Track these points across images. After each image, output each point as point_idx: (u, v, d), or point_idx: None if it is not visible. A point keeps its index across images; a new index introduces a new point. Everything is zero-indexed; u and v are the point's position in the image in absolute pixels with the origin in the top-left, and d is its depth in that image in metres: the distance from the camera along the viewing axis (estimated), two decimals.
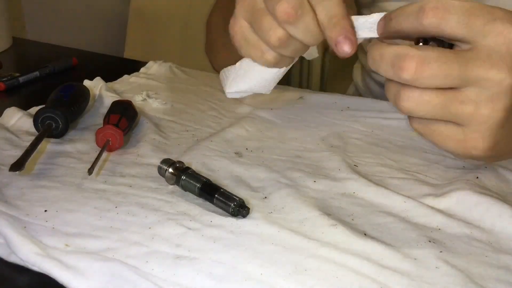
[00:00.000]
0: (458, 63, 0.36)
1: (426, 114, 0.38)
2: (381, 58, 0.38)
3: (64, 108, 0.54)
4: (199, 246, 0.37)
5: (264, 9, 0.43)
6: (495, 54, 0.36)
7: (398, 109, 0.38)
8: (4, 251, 0.37)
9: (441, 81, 0.36)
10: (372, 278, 0.34)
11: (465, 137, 0.38)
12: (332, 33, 0.41)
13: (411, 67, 0.36)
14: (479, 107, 0.37)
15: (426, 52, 0.36)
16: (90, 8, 1.46)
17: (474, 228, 0.40)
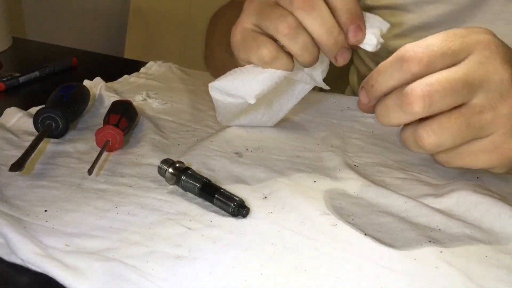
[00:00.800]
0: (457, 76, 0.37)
1: (453, 140, 0.37)
2: (387, 108, 0.38)
3: (64, 108, 0.54)
4: (199, 246, 0.37)
5: (274, 3, 0.44)
6: (484, 59, 0.37)
7: (424, 148, 0.38)
8: (4, 251, 0.37)
9: (451, 98, 0.37)
10: (372, 278, 0.34)
11: (496, 145, 0.38)
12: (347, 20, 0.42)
13: (418, 98, 0.36)
14: (496, 109, 0.37)
15: (425, 79, 0.37)
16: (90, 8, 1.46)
17: (474, 228, 0.40)
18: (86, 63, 0.82)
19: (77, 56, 0.81)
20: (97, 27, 1.49)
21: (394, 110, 0.38)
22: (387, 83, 0.39)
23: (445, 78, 0.37)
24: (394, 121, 0.38)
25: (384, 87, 0.39)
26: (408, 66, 0.37)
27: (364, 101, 0.41)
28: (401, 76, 0.38)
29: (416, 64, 0.37)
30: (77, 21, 1.43)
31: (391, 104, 0.38)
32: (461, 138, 0.38)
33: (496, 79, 0.37)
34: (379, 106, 0.39)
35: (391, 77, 0.38)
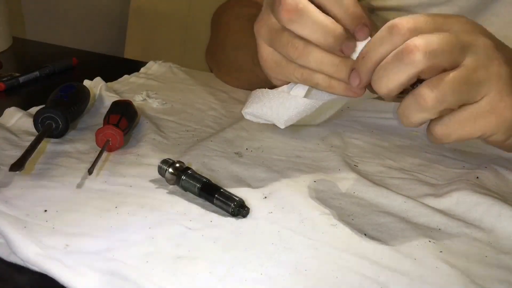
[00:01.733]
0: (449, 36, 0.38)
1: (453, 94, 0.38)
2: (385, 68, 0.39)
3: (64, 108, 0.54)
4: (199, 246, 0.37)
5: (280, 28, 0.43)
6: (466, 30, 0.40)
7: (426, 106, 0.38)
8: (4, 251, 0.37)
9: (448, 53, 0.38)
10: (372, 278, 0.34)
11: (492, 105, 0.39)
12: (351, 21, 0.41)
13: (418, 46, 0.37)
14: (487, 68, 0.39)
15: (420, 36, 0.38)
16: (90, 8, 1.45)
17: (474, 228, 0.40)
18: (86, 63, 0.82)
19: (77, 56, 0.81)
20: (97, 27, 1.49)
21: (394, 65, 0.38)
22: (379, 50, 0.39)
23: (439, 35, 0.38)
24: (393, 80, 0.38)
25: (377, 54, 0.39)
26: (397, 29, 0.38)
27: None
28: (391, 40, 0.39)
29: (405, 25, 0.38)
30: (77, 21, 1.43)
31: (390, 60, 0.38)
32: (461, 94, 0.38)
33: (480, 44, 0.39)
34: (377, 71, 0.39)
35: (382, 44, 0.39)
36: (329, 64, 0.43)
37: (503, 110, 0.39)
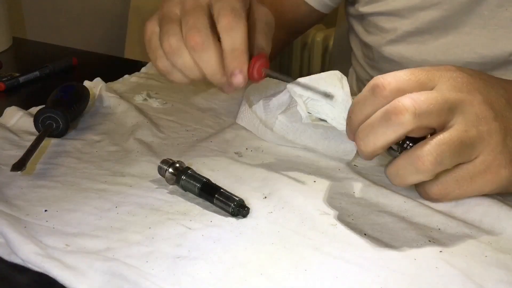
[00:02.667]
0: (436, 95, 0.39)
1: (451, 156, 0.38)
2: (372, 126, 0.40)
3: (64, 108, 0.54)
4: (199, 246, 0.37)
5: (174, 19, 0.46)
6: (451, 87, 0.40)
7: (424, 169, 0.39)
8: (4, 251, 0.37)
9: (436, 114, 0.38)
10: (372, 278, 0.34)
11: (486, 163, 0.40)
12: (231, 65, 0.44)
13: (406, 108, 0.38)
14: (477, 127, 0.39)
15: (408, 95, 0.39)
16: (90, 8, 1.46)
17: (473, 228, 0.40)
18: (86, 63, 0.82)
19: (77, 56, 0.81)
20: (97, 27, 1.49)
21: (380, 126, 0.39)
22: (363, 113, 0.41)
23: (427, 94, 0.39)
24: (380, 140, 0.39)
25: (361, 115, 0.41)
26: (379, 90, 0.40)
27: (350, 137, 0.44)
28: (374, 101, 0.40)
29: (386, 87, 0.39)
30: (77, 21, 1.43)
31: (376, 121, 0.40)
32: (458, 156, 0.39)
33: (467, 102, 0.39)
34: (362, 130, 0.41)
35: (365, 105, 0.41)
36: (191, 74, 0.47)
37: (498, 168, 0.40)
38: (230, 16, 0.44)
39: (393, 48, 0.70)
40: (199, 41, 0.44)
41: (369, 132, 0.40)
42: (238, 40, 0.44)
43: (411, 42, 0.69)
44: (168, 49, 0.45)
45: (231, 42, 0.44)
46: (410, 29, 0.68)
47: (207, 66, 0.45)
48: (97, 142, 0.53)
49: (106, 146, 0.53)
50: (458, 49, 0.65)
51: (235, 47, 0.44)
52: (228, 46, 0.44)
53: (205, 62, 0.45)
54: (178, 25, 0.45)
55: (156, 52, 0.47)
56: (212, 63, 0.45)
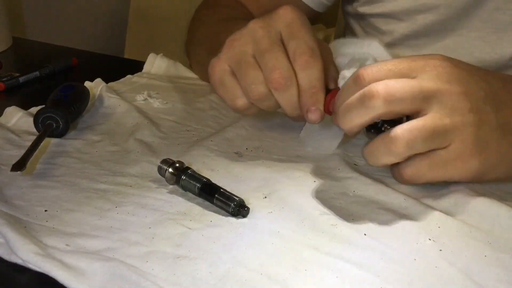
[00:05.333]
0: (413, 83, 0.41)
1: (423, 140, 0.40)
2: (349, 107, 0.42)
3: (64, 108, 0.54)
4: (199, 246, 0.37)
5: (253, 63, 0.47)
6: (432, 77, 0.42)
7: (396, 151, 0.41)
8: (4, 251, 0.37)
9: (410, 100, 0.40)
10: (372, 278, 0.34)
11: (458, 152, 0.41)
12: (307, 101, 0.46)
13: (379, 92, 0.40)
14: (451, 116, 0.41)
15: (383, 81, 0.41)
16: (90, 8, 1.46)
17: (473, 227, 0.40)
18: (86, 63, 0.82)
19: (77, 56, 0.81)
20: (97, 27, 1.49)
21: (356, 107, 0.41)
22: (345, 98, 0.43)
23: (402, 82, 0.41)
24: (355, 119, 0.42)
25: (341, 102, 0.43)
26: (359, 80, 0.42)
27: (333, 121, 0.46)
28: (355, 90, 0.42)
29: (366, 77, 0.42)
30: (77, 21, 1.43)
31: (353, 102, 0.42)
32: (429, 142, 0.41)
33: (445, 92, 0.41)
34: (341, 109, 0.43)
35: (347, 93, 0.43)
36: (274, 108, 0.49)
37: (468, 157, 0.42)
38: (307, 54, 0.45)
39: (391, 51, 0.70)
40: (282, 82, 0.45)
41: (346, 112, 0.42)
42: (316, 78, 0.45)
43: (408, 45, 0.69)
44: (257, 97, 0.47)
45: (309, 80, 0.45)
46: (407, 32, 0.68)
47: (287, 104, 0.47)
48: (97, 142, 0.53)
49: (106, 146, 0.53)
50: (456, 52, 0.65)
51: (312, 85, 0.46)
52: (306, 84, 0.46)
53: (286, 100, 0.46)
54: (259, 69, 0.46)
55: (234, 92, 0.48)
56: (292, 101, 0.46)
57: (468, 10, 0.63)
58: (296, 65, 0.46)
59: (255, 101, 0.47)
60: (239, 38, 0.48)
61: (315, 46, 0.46)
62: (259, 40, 0.47)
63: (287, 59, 0.46)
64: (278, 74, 0.45)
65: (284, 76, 0.45)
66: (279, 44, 0.46)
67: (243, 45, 0.47)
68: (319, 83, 0.46)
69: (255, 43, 0.47)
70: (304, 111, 0.46)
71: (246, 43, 0.47)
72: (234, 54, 0.48)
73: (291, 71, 0.46)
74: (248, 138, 0.55)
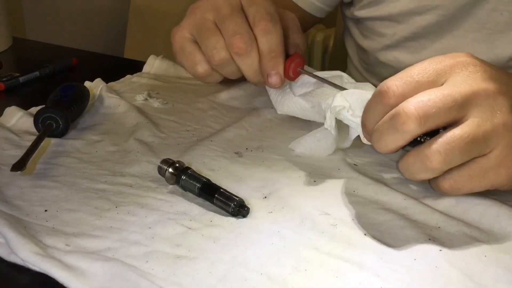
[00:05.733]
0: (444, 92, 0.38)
1: (461, 155, 0.37)
2: (381, 133, 0.39)
3: (64, 108, 0.54)
4: (199, 246, 0.37)
5: (214, 29, 0.47)
6: (464, 78, 0.39)
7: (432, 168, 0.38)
8: (4, 251, 0.37)
9: (444, 113, 0.37)
10: (372, 278, 0.34)
11: (500, 158, 0.38)
12: (267, 66, 0.46)
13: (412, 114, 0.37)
14: (492, 121, 0.37)
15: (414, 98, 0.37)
16: (90, 8, 1.46)
17: (473, 228, 0.40)
18: (86, 63, 0.82)
19: (77, 56, 0.81)
20: (97, 27, 1.49)
21: (389, 132, 0.38)
22: (374, 119, 0.40)
23: (433, 95, 0.37)
24: (391, 144, 0.39)
25: (372, 122, 0.40)
26: (386, 100, 0.39)
27: (366, 139, 0.44)
28: (383, 109, 0.39)
29: (392, 96, 0.38)
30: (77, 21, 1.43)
31: (385, 127, 0.39)
32: (469, 153, 0.38)
33: (481, 93, 0.38)
34: (374, 133, 0.40)
35: (374, 114, 0.40)
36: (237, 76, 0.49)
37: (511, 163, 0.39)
38: (267, 19, 0.46)
39: (389, 53, 0.70)
40: (243, 47, 0.45)
41: (380, 137, 0.39)
42: (275, 42, 0.46)
43: (407, 47, 0.69)
44: (218, 62, 0.47)
45: (269, 45, 0.46)
46: (406, 34, 0.68)
47: (248, 69, 0.47)
48: (97, 142, 0.53)
49: (106, 146, 0.53)
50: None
51: (272, 49, 0.46)
52: (266, 49, 0.46)
53: (247, 65, 0.47)
54: (220, 34, 0.47)
55: (194, 58, 0.48)
56: (253, 66, 0.46)
57: (465, 12, 0.63)
58: (256, 30, 0.46)
59: (216, 67, 0.48)
60: (200, 6, 0.48)
61: (274, 12, 0.47)
62: (220, 7, 0.47)
63: (247, 25, 0.46)
64: (239, 39, 0.45)
65: (244, 41, 0.45)
66: (239, 10, 0.47)
67: (204, 12, 0.48)
68: (279, 48, 0.46)
69: (216, 10, 0.47)
70: (264, 75, 0.47)
71: (207, 10, 0.48)
72: (195, 21, 0.48)
73: (252, 36, 0.46)
74: (248, 138, 0.55)
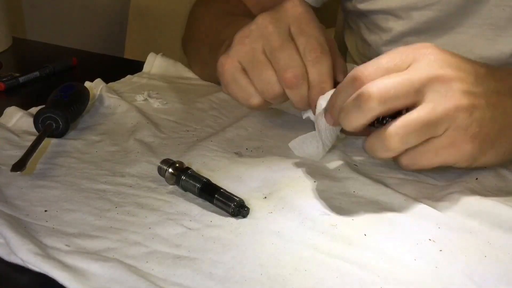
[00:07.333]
0: (404, 76, 0.41)
1: (416, 136, 0.40)
2: (347, 110, 0.41)
3: (64, 108, 0.54)
4: (199, 246, 0.37)
5: (266, 61, 0.47)
6: (424, 65, 0.41)
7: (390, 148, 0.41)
8: (4, 251, 0.37)
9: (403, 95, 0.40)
10: (372, 278, 0.35)
11: (451, 139, 0.41)
12: (317, 96, 0.47)
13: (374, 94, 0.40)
14: (444, 105, 0.40)
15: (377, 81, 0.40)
16: (90, 8, 1.46)
17: (473, 228, 0.40)
18: (86, 63, 0.82)
19: (77, 56, 0.81)
20: (97, 27, 1.49)
21: (353, 111, 0.41)
22: (342, 101, 0.42)
23: (393, 78, 0.40)
24: (354, 122, 0.41)
25: (339, 101, 0.43)
26: (358, 82, 0.41)
27: (330, 122, 0.45)
28: (352, 92, 0.42)
29: (364, 79, 0.41)
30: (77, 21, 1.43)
31: (350, 106, 0.41)
32: (423, 134, 0.41)
33: (438, 79, 0.41)
34: (341, 112, 0.42)
35: (343, 96, 0.42)
36: None
37: (462, 143, 0.41)
38: (318, 50, 0.46)
39: (390, 48, 0.70)
40: (295, 81, 0.46)
41: (346, 115, 0.42)
42: (325, 73, 0.46)
43: (407, 42, 0.69)
44: (272, 97, 0.48)
45: (319, 76, 0.46)
46: (406, 30, 0.68)
47: (297, 100, 0.48)
48: (97, 142, 0.53)
49: (106, 146, 0.53)
50: (455, 49, 0.65)
51: (322, 80, 0.46)
52: (316, 80, 0.46)
53: (297, 96, 0.47)
54: (271, 68, 0.47)
55: (248, 91, 0.49)
56: (303, 96, 0.47)
57: (467, 7, 0.63)
58: (307, 62, 0.46)
59: (270, 100, 0.48)
60: (249, 35, 0.48)
61: (324, 41, 0.47)
62: (269, 37, 0.47)
63: (298, 56, 0.46)
64: (291, 73, 0.46)
65: (296, 75, 0.46)
66: (289, 40, 0.47)
67: (253, 42, 0.47)
68: (329, 78, 0.47)
69: (265, 39, 0.47)
70: (313, 105, 0.47)
71: (256, 39, 0.47)
72: (245, 51, 0.48)
73: (303, 69, 0.46)
74: (248, 138, 0.55)
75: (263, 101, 0.49)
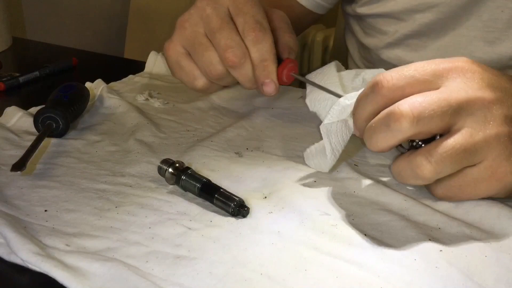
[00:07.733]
0: (440, 96, 0.37)
1: (451, 165, 0.37)
2: (374, 129, 0.39)
3: (64, 108, 0.54)
4: (199, 246, 0.37)
5: (207, 43, 0.48)
6: (461, 84, 0.38)
7: (422, 177, 0.38)
8: (4, 251, 0.37)
9: (438, 117, 0.37)
10: (372, 278, 0.34)
11: (491, 170, 0.38)
12: (260, 75, 0.47)
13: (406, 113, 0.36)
14: (484, 131, 0.37)
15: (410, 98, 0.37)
16: (90, 8, 1.46)
17: (473, 228, 0.40)
18: (86, 63, 0.82)
19: (77, 56, 0.81)
20: (97, 27, 1.49)
21: (382, 130, 0.38)
22: (365, 108, 0.40)
23: (428, 97, 0.37)
24: (382, 142, 0.38)
25: (364, 113, 0.40)
26: (378, 89, 0.38)
27: (356, 133, 0.43)
28: (375, 99, 0.39)
29: (385, 84, 0.38)
30: (77, 21, 1.43)
31: (378, 125, 0.38)
32: (459, 163, 0.38)
33: (476, 102, 0.37)
34: (367, 131, 0.39)
35: (366, 103, 0.40)
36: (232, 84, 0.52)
37: (503, 175, 0.38)
38: (256, 29, 0.47)
39: (391, 51, 0.70)
40: (236, 60, 0.47)
41: (372, 134, 0.39)
42: (266, 51, 0.47)
43: (409, 44, 0.69)
44: (215, 76, 0.49)
45: (260, 54, 0.47)
46: (407, 32, 0.68)
47: (244, 79, 0.48)
48: (97, 142, 0.53)
49: (106, 146, 0.53)
50: (456, 52, 0.65)
51: (263, 58, 0.47)
52: (257, 58, 0.47)
53: (242, 76, 0.48)
54: (213, 49, 0.48)
55: (192, 74, 0.50)
56: (248, 75, 0.48)
57: (467, 9, 0.63)
58: (247, 41, 0.47)
59: (214, 80, 0.49)
60: (188, 18, 0.49)
61: (263, 19, 0.47)
62: (208, 19, 0.48)
63: (238, 36, 0.47)
64: (231, 53, 0.47)
65: (237, 54, 0.47)
66: (228, 21, 0.47)
67: (194, 25, 0.48)
68: (270, 56, 0.47)
69: (205, 22, 0.48)
70: (259, 84, 0.48)
71: (196, 22, 0.48)
72: (186, 35, 0.49)
73: (243, 48, 0.47)
74: (248, 138, 0.55)
75: (208, 82, 0.49)
